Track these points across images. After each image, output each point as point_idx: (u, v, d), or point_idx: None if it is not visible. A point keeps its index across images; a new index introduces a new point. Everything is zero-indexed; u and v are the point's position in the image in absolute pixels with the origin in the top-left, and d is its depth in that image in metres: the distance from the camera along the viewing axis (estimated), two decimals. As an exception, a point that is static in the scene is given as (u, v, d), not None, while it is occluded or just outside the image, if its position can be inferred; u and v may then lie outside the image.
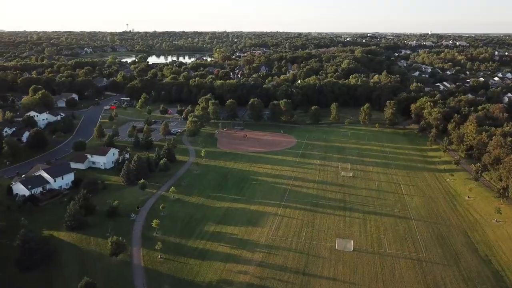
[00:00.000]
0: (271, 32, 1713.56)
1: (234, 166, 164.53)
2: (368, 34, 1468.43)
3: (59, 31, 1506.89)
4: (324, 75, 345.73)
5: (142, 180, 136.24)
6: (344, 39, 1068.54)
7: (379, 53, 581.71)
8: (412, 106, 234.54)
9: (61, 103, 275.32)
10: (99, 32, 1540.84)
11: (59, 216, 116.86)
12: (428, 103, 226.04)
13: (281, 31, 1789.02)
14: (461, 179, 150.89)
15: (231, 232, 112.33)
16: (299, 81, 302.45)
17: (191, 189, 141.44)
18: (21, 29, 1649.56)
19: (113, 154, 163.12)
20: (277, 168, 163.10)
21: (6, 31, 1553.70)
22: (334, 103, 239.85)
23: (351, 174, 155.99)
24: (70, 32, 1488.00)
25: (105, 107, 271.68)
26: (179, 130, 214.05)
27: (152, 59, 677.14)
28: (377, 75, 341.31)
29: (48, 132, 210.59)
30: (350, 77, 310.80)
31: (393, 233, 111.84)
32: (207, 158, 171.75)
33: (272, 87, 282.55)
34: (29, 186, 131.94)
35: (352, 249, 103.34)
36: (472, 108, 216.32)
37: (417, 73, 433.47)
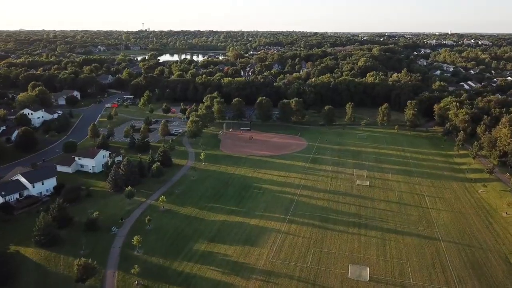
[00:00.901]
0: (286, 31, 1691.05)
1: (236, 172, 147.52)
2: (386, 34, 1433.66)
3: (76, 30, 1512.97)
4: (339, 73, 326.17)
5: (129, 188, 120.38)
6: (361, 38, 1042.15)
7: (398, 52, 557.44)
8: (436, 107, 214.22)
9: (62, 101, 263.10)
10: (115, 31, 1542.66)
11: (33, 227, 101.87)
12: (454, 103, 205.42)
13: (297, 30, 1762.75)
14: (496, 191, 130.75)
15: (224, 252, 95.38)
16: (312, 79, 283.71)
17: (184, 198, 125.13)
18: (39, 28, 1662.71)
19: (103, 157, 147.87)
20: (284, 174, 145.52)
21: (25, 29, 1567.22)
22: (349, 103, 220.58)
23: (367, 183, 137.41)
24: (86, 31, 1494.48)
25: (107, 105, 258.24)
26: (180, 131, 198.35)
27: (165, 58, 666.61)
28: (396, 74, 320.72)
29: (41, 131, 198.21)
30: (367, 75, 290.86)
31: (418, 258, 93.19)
32: (206, 162, 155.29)
33: (283, 85, 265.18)
34: (3, 193, 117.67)
35: (368, 278, 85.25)
36: (504, 109, 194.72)
37: (438, 72, 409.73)
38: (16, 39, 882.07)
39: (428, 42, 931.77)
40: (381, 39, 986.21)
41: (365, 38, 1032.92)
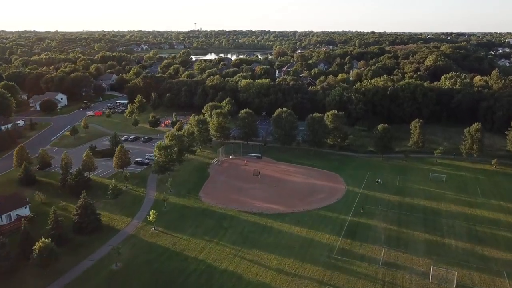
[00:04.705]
0: (342, 31, 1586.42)
1: (201, 256, 79.32)
2: (453, 32, 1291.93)
3: (132, 31, 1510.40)
4: (400, 75, 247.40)
5: None
6: (425, 36, 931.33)
7: (473, 51, 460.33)
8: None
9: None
10: (168, 31, 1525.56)
11: None
12: None
13: (353, 30, 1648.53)
14: None
15: None
16: (364, 82, 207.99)
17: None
18: (100, 29, 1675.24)
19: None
20: (290, 267, 75.63)
21: (86, 30, 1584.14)
22: (417, 120, 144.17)
23: (463, 310, 64.42)
24: (140, 31, 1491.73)
25: (88, 113, 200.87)
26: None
27: (210, 57, 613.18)
28: (479, 76, 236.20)
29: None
30: (443, 77, 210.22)
31: None
32: (159, 226, 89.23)
33: (321, 90, 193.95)
34: None
35: None
36: None
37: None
38: (64, 37, 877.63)
39: (507, 40, 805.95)
40: (448, 38, 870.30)
41: (429, 36, 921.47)
